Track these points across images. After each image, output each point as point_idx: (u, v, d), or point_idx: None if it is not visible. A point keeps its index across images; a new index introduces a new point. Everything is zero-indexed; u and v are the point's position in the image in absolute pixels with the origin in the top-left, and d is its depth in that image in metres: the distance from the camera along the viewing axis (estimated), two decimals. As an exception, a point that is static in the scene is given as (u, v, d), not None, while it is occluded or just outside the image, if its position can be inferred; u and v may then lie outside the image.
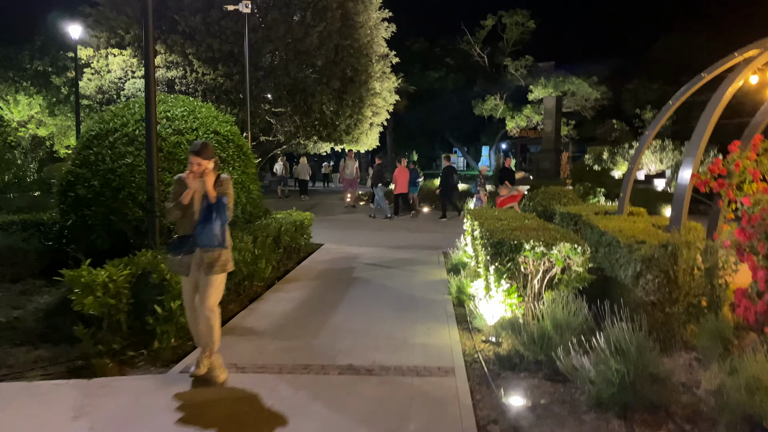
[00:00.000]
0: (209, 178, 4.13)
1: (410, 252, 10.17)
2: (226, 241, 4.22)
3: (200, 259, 4.18)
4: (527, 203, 9.52)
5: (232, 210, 4.34)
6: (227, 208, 4.19)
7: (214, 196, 4.12)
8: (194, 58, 16.05)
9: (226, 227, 4.19)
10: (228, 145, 8.43)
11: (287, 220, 9.14)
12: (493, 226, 6.24)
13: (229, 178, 4.43)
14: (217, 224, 4.10)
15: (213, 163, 4.21)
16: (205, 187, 4.10)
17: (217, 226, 4.10)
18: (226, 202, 4.18)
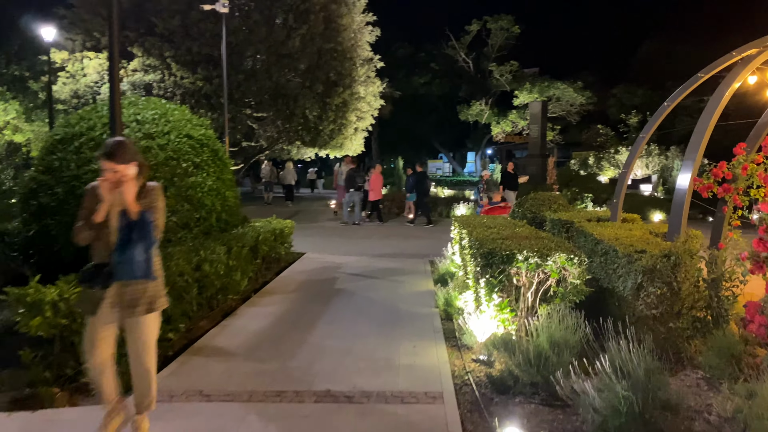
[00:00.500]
0: (129, 188, 3.16)
1: (395, 261, 9.77)
2: (154, 271, 3.31)
3: (119, 296, 3.24)
4: (516, 210, 9.17)
5: (161, 228, 3.46)
6: (154, 227, 3.27)
7: (136, 211, 3.17)
8: (172, 61, 15.56)
9: (153, 252, 3.28)
10: (202, 149, 7.98)
11: (266, 228, 8.69)
12: (482, 235, 5.86)
13: (158, 187, 3.49)
14: (139, 249, 3.17)
15: (134, 168, 3.24)
16: (124, 200, 3.15)
17: (139, 252, 3.17)
18: (152, 219, 3.24)
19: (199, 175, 7.73)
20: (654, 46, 34.59)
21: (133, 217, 3.17)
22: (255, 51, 15.85)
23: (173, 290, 5.32)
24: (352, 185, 15.31)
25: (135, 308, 3.26)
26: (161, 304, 3.44)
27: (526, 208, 8.88)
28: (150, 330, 3.42)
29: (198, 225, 7.52)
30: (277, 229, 9.11)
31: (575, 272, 4.87)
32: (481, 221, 7.31)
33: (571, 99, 32.39)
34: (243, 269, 7.27)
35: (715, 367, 4.39)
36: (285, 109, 16.75)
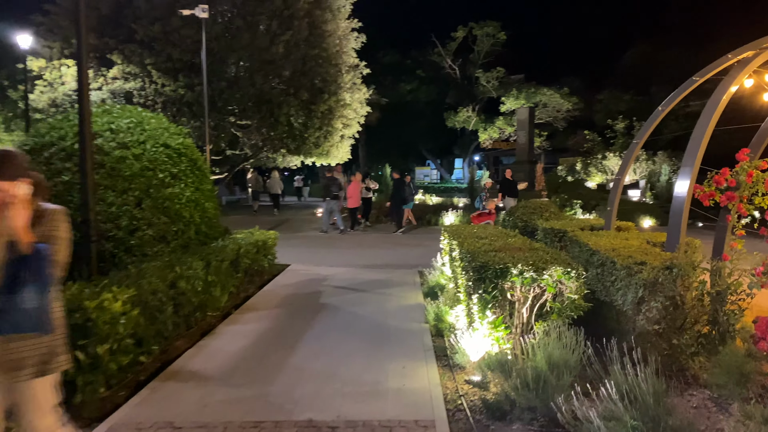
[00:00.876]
0: (17, 213, 2.45)
1: (383, 272, 9.47)
2: (51, 321, 2.55)
3: (3, 353, 2.49)
4: (507, 218, 8.91)
5: (63, 265, 2.67)
6: (53, 264, 2.56)
7: (27, 243, 2.47)
8: (153, 68, 15.19)
9: (49, 296, 2.54)
10: (180, 159, 7.66)
11: (248, 240, 8.37)
12: (473, 247, 5.58)
13: (61, 212, 2.69)
14: (30, 292, 2.46)
15: (26, 186, 2.52)
16: (11, 227, 2.44)
17: (30, 296, 2.45)
18: (49, 253, 2.54)
19: (177, 185, 7.41)
20: (639, 52, 34.69)
21: (23, 251, 2.47)
22: (238, 58, 15.53)
23: (145, 310, 4.99)
24: (328, 194, 15.36)
25: (20, 371, 2.51)
26: (59, 365, 2.66)
27: (517, 216, 8.62)
28: (43, 397, 2.62)
29: (176, 238, 7.19)
30: (259, 241, 8.78)
31: (573, 286, 4.60)
32: (471, 231, 7.04)
33: (558, 105, 32.36)
34: (223, 284, 6.94)
35: (724, 387, 4.13)
36: (269, 117, 16.42)
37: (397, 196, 15.76)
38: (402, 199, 15.71)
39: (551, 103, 32.04)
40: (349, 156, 21.32)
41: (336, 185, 15.55)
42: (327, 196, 15.41)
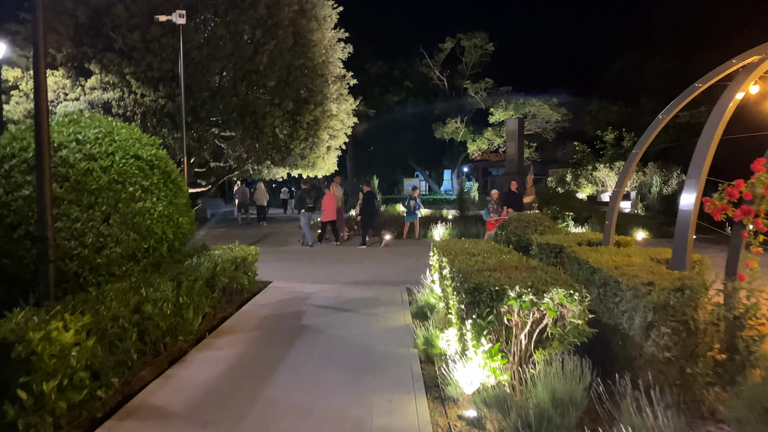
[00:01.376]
0: None
1: (369, 289, 9.01)
2: None
3: None
4: (499, 233, 8.50)
5: None
6: None
7: None
8: (132, 78, 14.70)
9: None
10: (152, 171, 7.19)
11: (225, 257, 7.89)
12: (466, 265, 5.15)
13: None
14: None
15: None
16: None
17: None
18: None
19: (149, 199, 6.94)
20: (626, 63, 34.66)
21: None
22: (221, 67, 15.09)
23: (104, 339, 4.50)
24: (302, 206, 15.24)
25: None
26: None
27: (509, 230, 8.21)
28: None
29: (146, 256, 6.72)
30: (238, 258, 8.30)
31: (576, 310, 4.18)
32: (463, 247, 6.62)
33: (547, 116, 32.20)
34: (197, 306, 6.45)
35: (745, 422, 3.72)
36: (253, 128, 15.96)
37: (366, 209, 15.57)
38: (371, 212, 15.60)
39: (540, 114, 31.87)
40: (335, 167, 20.88)
41: (310, 197, 15.45)
42: (302, 208, 15.34)
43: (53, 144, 6.58)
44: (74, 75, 15.63)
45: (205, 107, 15.20)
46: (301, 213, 15.35)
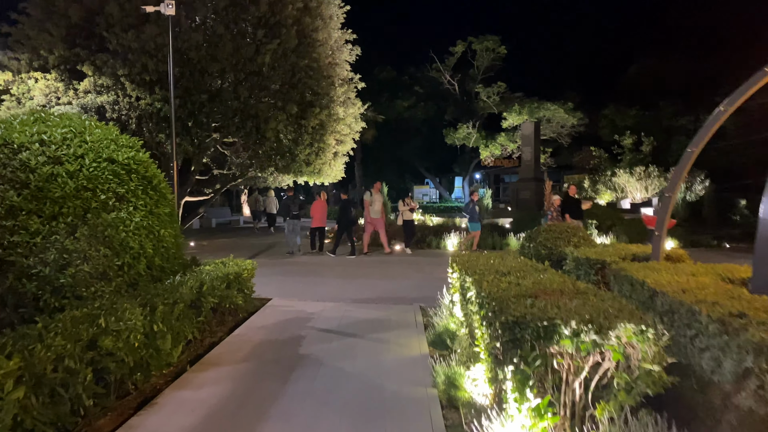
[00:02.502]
0: None
1: (378, 308, 8.03)
2: None
3: None
4: (526, 245, 7.50)
5: None
6: None
7: None
8: (127, 80, 13.87)
9: None
10: (129, 176, 6.29)
11: (215, 274, 6.94)
12: (497, 288, 4.17)
13: None
14: None
15: None
16: None
17: None
18: None
19: (124, 209, 6.03)
20: (643, 65, 33.61)
21: None
22: (220, 68, 14.22)
23: (39, 387, 3.55)
24: (287, 213, 15.19)
25: None
26: None
27: (539, 242, 7.21)
28: None
29: (120, 275, 5.79)
30: (231, 274, 7.34)
31: (649, 352, 3.18)
32: (488, 263, 5.64)
33: (562, 120, 31.17)
34: (176, 333, 5.50)
35: None
36: (255, 133, 15.06)
37: (344, 218, 15.05)
38: (348, 221, 15.07)
39: (555, 118, 30.85)
40: (343, 175, 19.95)
41: (295, 204, 15.30)
42: (287, 216, 15.26)
43: (13, 145, 5.69)
44: (67, 78, 14.83)
45: (204, 111, 14.33)
46: (285, 221, 15.30)
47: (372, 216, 14.94)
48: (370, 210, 14.87)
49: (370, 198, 15.00)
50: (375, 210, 14.88)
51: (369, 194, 15.09)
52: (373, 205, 14.86)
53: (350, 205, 15.32)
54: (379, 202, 14.88)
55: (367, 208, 14.95)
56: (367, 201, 14.99)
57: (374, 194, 14.97)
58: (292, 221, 15.14)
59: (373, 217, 14.97)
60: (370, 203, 14.89)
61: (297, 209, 15.28)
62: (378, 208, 14.86)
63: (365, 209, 15.04)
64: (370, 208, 14.86)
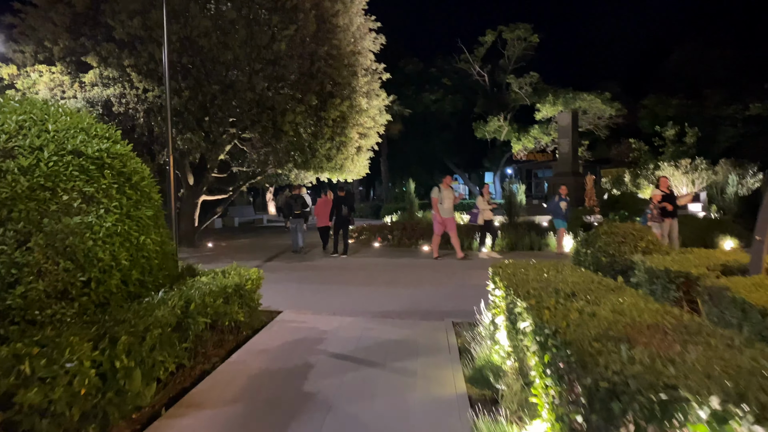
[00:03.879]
0: None
1: (404, 325, 6.84)
2: None
3: None
4: (581, 250, 6.23)
5: None
6: None
7: None
8: (133, 71, 12.93)
9: None
10: (101, 172, 5.21)
11: (211, 287, 5.85)
12: (566, 323, 2.95)
13: None
14: None
15: None
16: None
17: None
18: None
19: (93, 212, 4.96)
20: (685, 52, 31.67)
21: None
22: (233, 57, 13.18)
23: None
24: (290, 213, 14.76)
25: None
26: None
27: (598, 248, 5.93)
28: None
29: (86, 293, 4.72)
30: (230, 286, 6.24)
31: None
32: (541, 277, 4.43)
33: (599, 111, 29.47)
34: (151, 367, 4.41)
35: None
36: (272, 126, 14.00)
37: (339, 216, 13.97)
38: (339, 220, 13.96)
39: (592, 109, 29.18)
40: (367, 171, 18.80)
41: (298, 204, 14.63)
42: (289, 215, 14.87)
43: (-44, 136, 4.67)
44: (74, 70, 14.00)
45: (216, 103, 13.31)
46: (289, 219, 14.96)
47: (442, 215, 13.03)
48: (440, 208, 13.04)
49: (439, 194, 13.05)
50: (446, 208, 13.01)
51: (437, 190, 13.10)
52: (444, 203, 13.01)
53: (342, 203, 13.96)
54: (449, 199, 13.04)
55: (436, 207, 13.06)
56: (436, 198, 13.04)
57: (443, 190, 13.05)
58: (295, 220, 14.72)
59: (444, 217, 13.04)
60: (439, 201, 13.02)
61: (300, 208, 14.70)
62: (449, 205, 13.03)
63: (433, 207, 13.15)
64: (439, 206, 13.03)
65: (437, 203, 12.98)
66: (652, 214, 10.73)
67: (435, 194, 13.01)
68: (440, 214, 12.98)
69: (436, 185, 13.20)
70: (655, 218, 10.69)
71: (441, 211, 12.96)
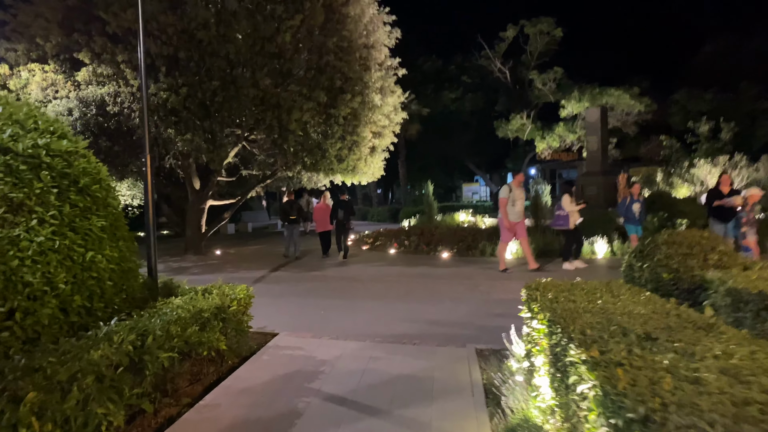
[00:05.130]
0: None
1: (417, 354, 5.72)
2: None
3: None
4: (635, 264, 5.01)
5: None
6: None
7: None
8: (127, 67, 12.02)
9: None
10: (35, 174, 4.20)
11: (181, 312, 4.81)
12: (658, 401, 1.82)
13: None
14: None
15: None
16: None
17: None
18: None
19: (22, 224, 3.95)
20: (719, 44, 30.04)
21: None
22: (235, 50, 12.20)
23: None
24: (285, 218, 14.49)
25: None
26: None
27: (658, 262, 4.74)
28: None
29: (8, 326, 3.71)
30: (208, 310, 5.19)
31: None
32: (594, 304, 3.30)
33: (627, 107, 27.98)
34: (84, 425, 3.36)
35: None
36: (277, 125, 12.99)
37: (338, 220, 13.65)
38: (337, 224, 13.70)
39: (620, 105, 27.71)
40: (382, 173, 17.71)
41: (293, 209, 14.37)
42: (284, 221, 14.61)
43: None
44: (68, 69, 13.18)
45: (217, 100, 12.34)
46: (284, 225, 14.69)
47: (511, 219, 10.94)
48: (510, 211, 10.94)
49: (510, 194, 10.94)
50: (517, 211, 10.97)
51: (508, 189, 10.99)
52: (515, 205, 10.96)
53: (339, 208, 13.58)
54: (521, 200, 11.06)
55: (504, 209, 10.90)
56: (505, 199, 10.91)
57: (515, 189, 11.01)
58: (290, 226, 14.50)
59: (513, 221, 10.99)
60: (510, 202, 10.91)
61: (295, 214, 14.47)
62: (520, 208, 11.02)
63: (501, 210, 11.00)
64: (510, 208, 10.95)
65: (506, 205, 10.90)
66: (748, 218, 8.86)
67: (504, 194, 10.98)
68: (508, 218, 10.91)
69: (505, 183, 11.42)
70: (750, 222, 8.83)
71: (510, 214, 10.90)
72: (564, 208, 11.39)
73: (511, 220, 10.94)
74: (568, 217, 11.29)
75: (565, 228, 11.40)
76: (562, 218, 11.42)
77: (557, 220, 11.56)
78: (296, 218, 14.47)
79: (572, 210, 11.30)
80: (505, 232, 11.18)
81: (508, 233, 11.17)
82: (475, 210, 25.14)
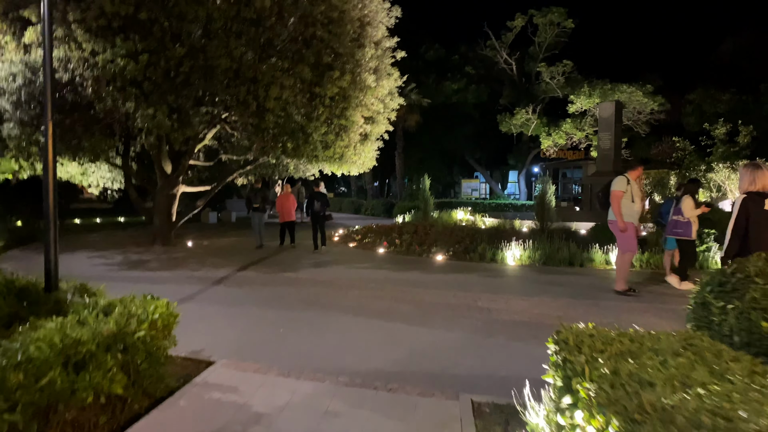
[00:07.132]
0: None
1: (388, 409, 4.13)
2: None
3: None
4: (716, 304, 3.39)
5: None
6: None
7: None
8: (79, 28, 10.38)
9: None
10: None
11: (42, 345, 3.23)
12: None
13: None
14: None
15: None
16: None
17: None
18: None
19: None
20: (739, 42, 28.42)
21: None
22: (205, 12, 10.56)
23: None
24: (249, 206, 14.52)
25: None
26: None
27: (749, 302, 3.13)
28: None
29: None
30: (88, 342, 3.60)
31: None
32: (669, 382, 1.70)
33: (639, 105, 26.41)
34: None
35: None
36: (253, 102, 11.37)
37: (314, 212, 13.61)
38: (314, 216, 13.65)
39: (631, 102, 26.12)
40: (374, 163, 16.12)
41: (257, 197, 14.38)
42: (249, 209, 14.60)
43: None
44: (18, 30, 11.50)
45: (182, 70, 10.70)
46: (251, 213, 14.60)
47: (626, 219, 8.41)
48: (628, 209, 8.46)
49: (626, 187, 8.51)
50: (635, 210, 8.53)
51: (625, 181, 8.55)
52: (635, 202, 8.53)
53: (316, 200, 13.48)
54: (639, 197, 8.61)
55: (619, 206, 8.40)
56: (621, 192, 8.45)
57: (633, 182, 8.61)
58: (256, 214, 14.38)
59: (629, 222, 8.42)
60: (629, 197, 8.50)
61: (259, 202, 14.35)
62: (639, 207, 8.58)
63: (614, 206, 8.47)
64: (627, 205, 8.46)
65: (621, 200, 8.40)
66: None
67: (621, 185, 8.48)
68: (622, 219, 8.34)
69: (622, 174, 8.70)
70: None
71: (626, 214, 8.38)
72: (684, 213, 9.17)
73: (626, 221, 8.38)
74: (690, 225, 9.08)
75: (686, 238, 9.18)
76: (683, 225, 9.17)
77: (675, 226, 9.28)
78: (259, 206, 14.28)
79: (694, 216, 9.15)
80: (624, 238, 8.54)
81: (631, 239, 8.55)
82: (475, 208, 23.59)
